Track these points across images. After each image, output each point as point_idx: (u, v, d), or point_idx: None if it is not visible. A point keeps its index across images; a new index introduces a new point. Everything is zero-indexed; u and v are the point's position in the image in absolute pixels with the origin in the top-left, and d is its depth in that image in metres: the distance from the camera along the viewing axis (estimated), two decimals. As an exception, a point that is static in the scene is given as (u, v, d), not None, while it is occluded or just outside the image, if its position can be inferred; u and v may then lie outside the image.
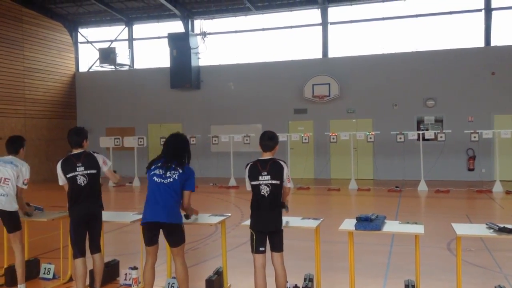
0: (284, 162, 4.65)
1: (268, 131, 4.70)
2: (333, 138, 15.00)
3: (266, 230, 4.55)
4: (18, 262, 5.29)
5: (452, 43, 16.55)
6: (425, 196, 13.08)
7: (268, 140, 4.61)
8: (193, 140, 16.05)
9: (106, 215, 5.52)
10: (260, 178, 4.49)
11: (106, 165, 5.10)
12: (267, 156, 4.62)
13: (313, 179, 17.22)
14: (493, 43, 16.06)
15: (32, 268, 5.91)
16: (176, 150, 4.68)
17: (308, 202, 13.01)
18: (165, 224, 4.52)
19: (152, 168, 4.61)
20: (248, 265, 5.02)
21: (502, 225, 4.42)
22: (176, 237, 4.63)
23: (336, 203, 12.78)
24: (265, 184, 4.48)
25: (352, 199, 13.32)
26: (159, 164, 4.59)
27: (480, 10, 16.24)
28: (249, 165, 4.61)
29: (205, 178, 17.66)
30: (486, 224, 4.63)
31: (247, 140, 15.50)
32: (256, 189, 4.52)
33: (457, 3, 16.58)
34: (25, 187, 5.34)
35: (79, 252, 4.88)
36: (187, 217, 4.95)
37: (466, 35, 16.51)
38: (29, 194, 15.04)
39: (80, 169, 4.89)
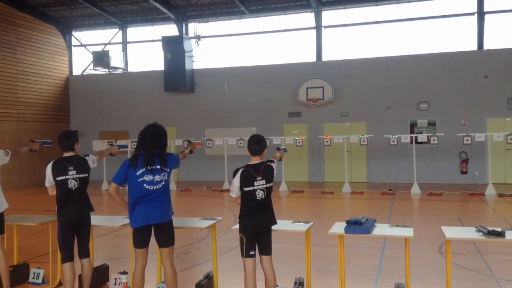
0: (272, 162, 4.67)
1: (256, 135, 4.67)
2: (327, 141, 15.00)
3: (261, 230, 4.53)
4: (2, 267, 5.26)
5: (445, 46, 16.62)
6: (418, 199, 13.10)
7: (256, 144, 4.58)
8: (186, 144, 16.01)
9: (95, 220, 5.51)
10: (255, 183, 4.46)
11: (94, 163, 5.15)
12: (256, 160, 4.59)
13: (307, 182, 17.22)
14: (485, 47, 16.14)
15: (21, 273, 5.87)
16: (155, 144, 4.57)
17: (302, 205, 12.99)
18: (158, 223, 4.54)
19: (139, 174, 4.49)
20: (239, 269, 5.00)
21: (491, 228, 4.42)
22: (169, 234, 4.63)
23: (330, 206, 12.77)
24: (261, 189, 4.47)
25: (345, 202, 13.31)
26: (147, 168, 4.50)
27: (473, 14, 16.32)
28: (241, 171, 4.52)
29: (199, 182, 17.66)
30: (475, 227, 4.63)
31: (241, 143, 15.48)
32: (250, 194, 4.48)
33: (450, 7, 16.67)
34: (8, 157, 5.44)
35: (67, 257, 4.86)
36: (191, 151, 5.37)
37: (459, 38, 16.59)
38: (22, 198, 14.98)
39: (72, 173, 4.88)
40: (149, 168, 4.49)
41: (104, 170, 16.38)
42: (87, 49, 20.51)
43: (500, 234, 4.32)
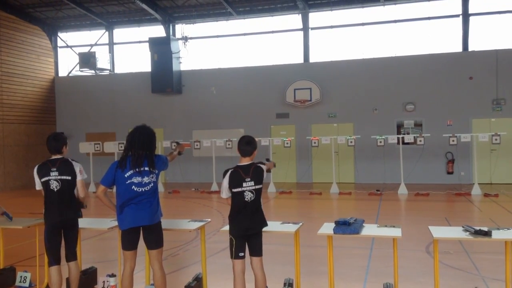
0: (263, 163, 4.64)
1: (246, 136, 4.68)
2: (315, 143, 15.08)
3: (251, 232, 4.52)
4: None
5: (430, 48, 16.80)
6: (405, 199, 13.20)
7: (246, 145, 4.59)
8: (174, 145, 15.98)
9: (83, 222, 5.46)
10: (244, 184, 4.46)
11: (81, 174, 4.98)
12: (246, 161, 4.59)
13: (295, 183, 17.26)
14: (470, 48, 16.32)
15: (8, 277, 5.80)
16: (143, 146, 4.53)
17: (290, 206, 13.02)
18: (147, 225, 4.51)
19: (128, 176, 4.47)
20: (228, 271, 5.00)
21: (477, 228, 4.48)
22: (158, 236, 4.59)
23: (318, 207, 12.81)
24: (249, 191, 4.47)
25: (333, 203, 13.37)
26: (136, 170, 4.48)
27: (458, 16, 16.51)
28: (230, 172, 4.54)
29: (187, 183, 17.60)
30: (463, 226, 4.68)
31: (229, 144, 15.47)
32: (239, 196, 4.48)
33: (435, 9, 16.84)
34: None
35: (54, 260, 4.81)
36: (179, 153, 5.27)
37: (444, 40, 16.77)
38: (8, 200, 14.80)
39: (54, 174, 4.82)
40: (137, 170, 4.46)
41: (91, 172, 16.23)
42: (73, 50, 20.33)
43: (487, 234, 4.38)
